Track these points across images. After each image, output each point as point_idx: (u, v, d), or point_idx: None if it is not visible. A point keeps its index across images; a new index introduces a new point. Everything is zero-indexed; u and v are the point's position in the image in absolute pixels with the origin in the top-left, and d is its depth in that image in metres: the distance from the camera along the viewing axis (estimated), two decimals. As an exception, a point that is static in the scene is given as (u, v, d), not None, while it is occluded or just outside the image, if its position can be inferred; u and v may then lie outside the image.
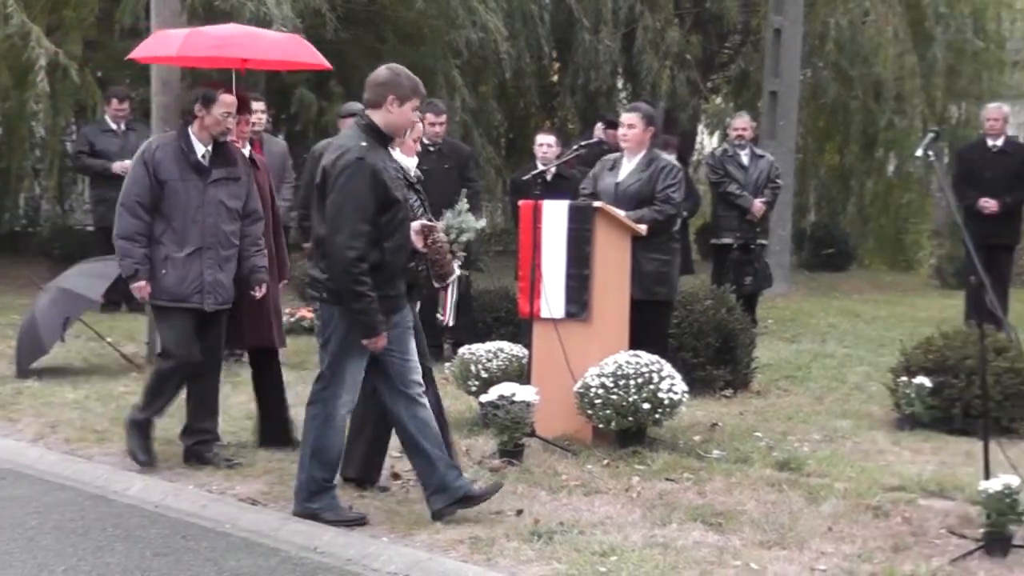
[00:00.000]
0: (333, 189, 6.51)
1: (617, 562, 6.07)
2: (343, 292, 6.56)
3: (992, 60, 21.67)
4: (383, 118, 6.70)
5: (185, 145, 7.77)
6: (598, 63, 19.10)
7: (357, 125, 6.79)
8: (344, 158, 6.52)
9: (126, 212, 7.73)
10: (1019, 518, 6.26)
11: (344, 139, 6.80)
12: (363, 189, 6.51)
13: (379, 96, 6.69)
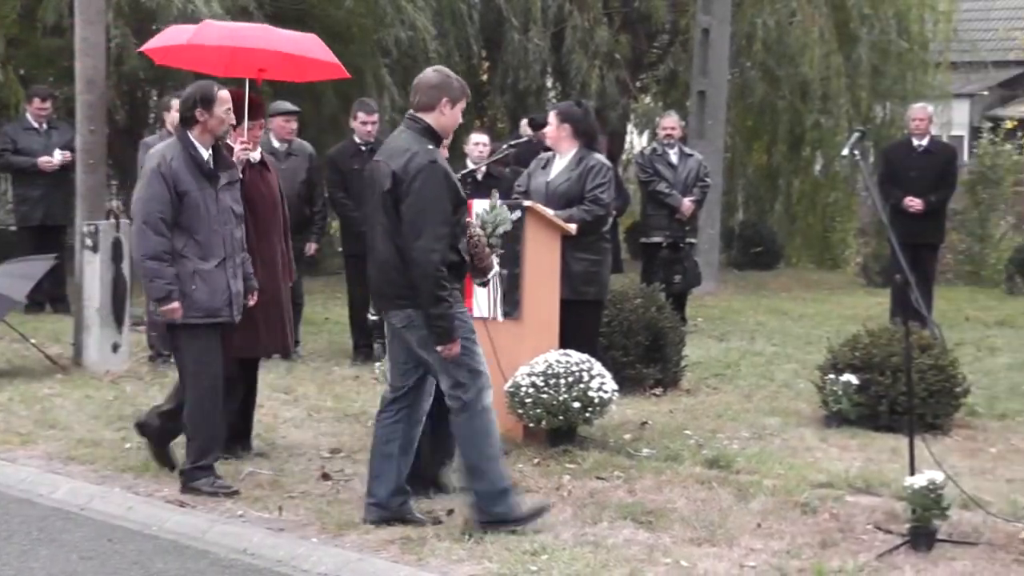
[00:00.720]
0: (408, 194, 6.45)
1: (548, 561, 6.08)
2: (423, 298, 6.45)
3: (916, 61, 21.91)
4: (436, 120, 6.69)
5: (194, 152, 7.33)
6: (527, 62, 19.12)
7: (411, 128, 6.70)
8: (415, 162, 6.47)
9: (150, 230, 7.18)
10: (943, 513, 6.34)
11: (404, 142, 6.65)
12: (440, 192, 6.50)
13: (432, 99, 6.68)
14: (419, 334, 6.56)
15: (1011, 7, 30.98)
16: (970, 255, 21.47)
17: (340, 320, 12.69)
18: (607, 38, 20.11)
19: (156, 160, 7.30)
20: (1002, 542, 6.42)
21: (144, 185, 7.30)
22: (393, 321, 6.68)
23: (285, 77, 10.35)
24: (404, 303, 6.56)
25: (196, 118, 7.34)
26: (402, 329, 6.64)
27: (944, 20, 22.99)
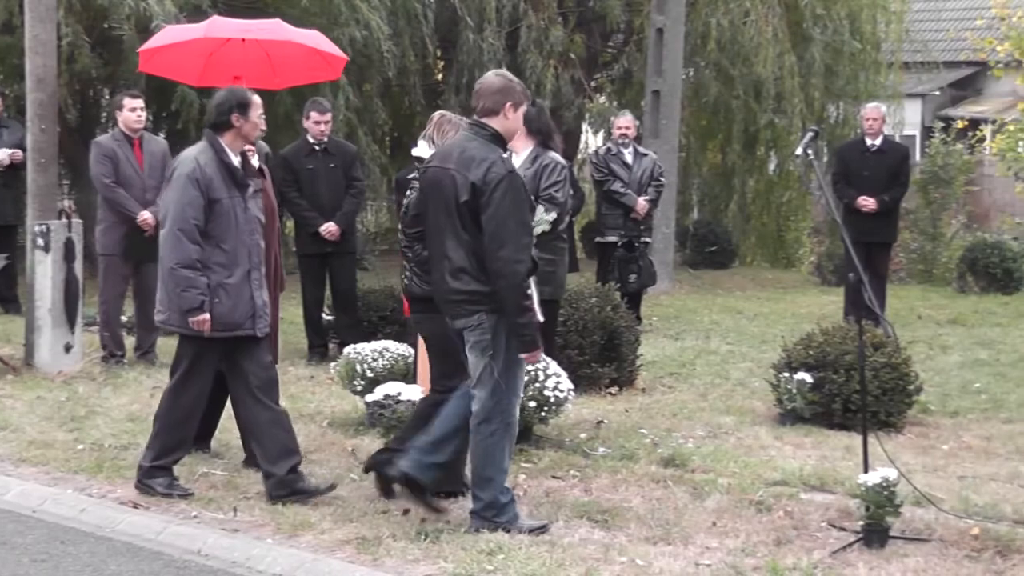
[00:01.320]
0: (490, 204, 6.40)
1: (504, 560, 6.07)
2: (509, 306, 6.45)
3: (868, 61, 22.04)
4: (502, 124, 6.66)
5: (226, 159, 7.13)
6: (482, 62, 19.06)
7: (478, 134, 6.65)
8: (494, 172, 6.43)
9: (185, 237, 6.94)
10: (896, 510, 6.39)
11: (476, 151, 6.56)
12: (520, 202, 6.51)
13: (497, 104, 6.65)
14: (480, 339, 6.55)
15: (961, 8, 31.21)
16: (922, 254, 21.62)
17: (294, 320, 12.64)
18: (562, 38, 20.11)
19: (190, 165, 7.04)
20: (954, 538, 6.47)
21: (178, 190, 7.02)
22: (458, 324, 6.64)
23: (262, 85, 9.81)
24: (475, 309, 6.53)
25: (231, 123, 7.14)
26: (465, 330, 6.60)
27: (896, 21, 23.13)
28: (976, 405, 10.08)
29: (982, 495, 7.21)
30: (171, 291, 7.03)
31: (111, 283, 11.09)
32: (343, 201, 11.64)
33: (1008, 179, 22.46)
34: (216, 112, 7.19)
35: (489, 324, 6.51)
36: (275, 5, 16.95)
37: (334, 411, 9.36)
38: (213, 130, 7.19)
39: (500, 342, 6.52)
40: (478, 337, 6.54)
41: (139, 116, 11.10)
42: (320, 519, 6.75)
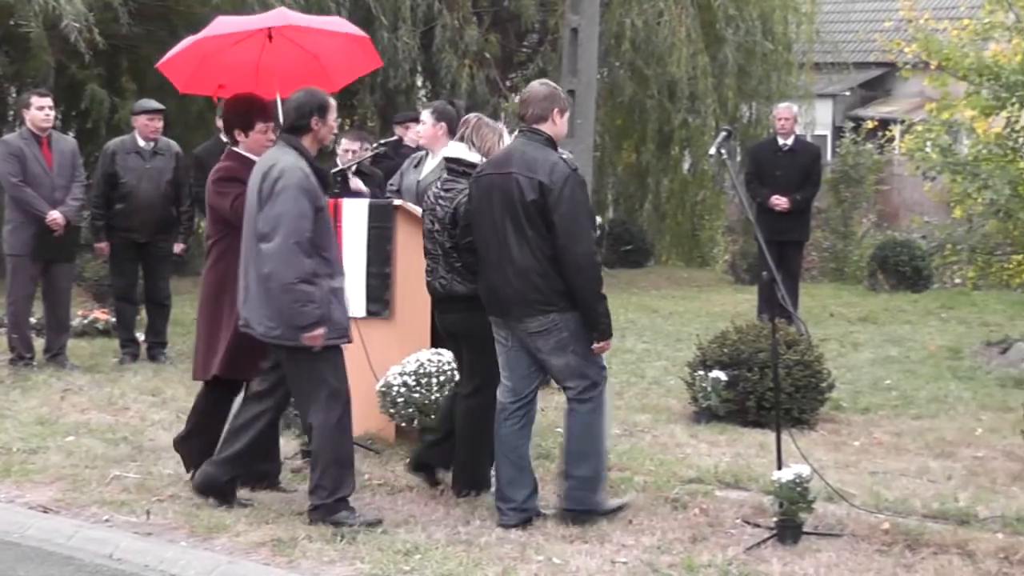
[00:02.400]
0: (561, 202, 6.63)
1: (421, 560, 6.07)
2: (590, 298, 6.68)
3: (780, 62, 22.25)
4: (551, 128, 6.92)
5: (316, 164, 6.88)
6: (397, 61, 19.02)
7: (534, 140, 6.87)
8: (559, 170, 6.69)
9: (300, 251, 6.59)
10: (809, 506, 6.46)
11: (537, 153, 6.79)
12: (585, 198, 6.84)
13: (545, 110, 6.91)
14: (556, 338, 6.73)
15: (870, 10, 31.59)
16: (834, 252, 21.87)
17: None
18: (477, 37, 20.11)
19: (297, 175, 6.66)
20: (865, 533, 6.56)
21: (289, 201, 6.61)
22: (530, 327, 6.76)
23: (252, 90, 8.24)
24: (549, 308, 6.70)
25: (311, 127, 6.87)
26: (536, 335, 6.76)
27: (807, 22, 23.37)
28: (887, 402, 10.22)
29: (892, 490, 7.31)
30: (287, 306, 6.60)
31: (19, 284, 10.93)
32: (258, 200, 11.53)
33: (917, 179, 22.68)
34: (296, 115, 6.88)
35: (564, 323, 6.72)
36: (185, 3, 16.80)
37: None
38: (293, 133, 6.90)
39: (577, 334, 6.75)
40: (557, 338, 6.74)
41: (47, 115, 10.94)
42: (235, 521, 6.69)
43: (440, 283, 7.38)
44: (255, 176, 6.80)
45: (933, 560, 6.21)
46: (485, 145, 7.44)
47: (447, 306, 7.42)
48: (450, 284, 7.32)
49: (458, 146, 7.53)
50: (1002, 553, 6.21)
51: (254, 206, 6.74)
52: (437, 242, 7.37)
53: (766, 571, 6.08)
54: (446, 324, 7.54)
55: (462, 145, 7.50)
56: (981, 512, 6.80)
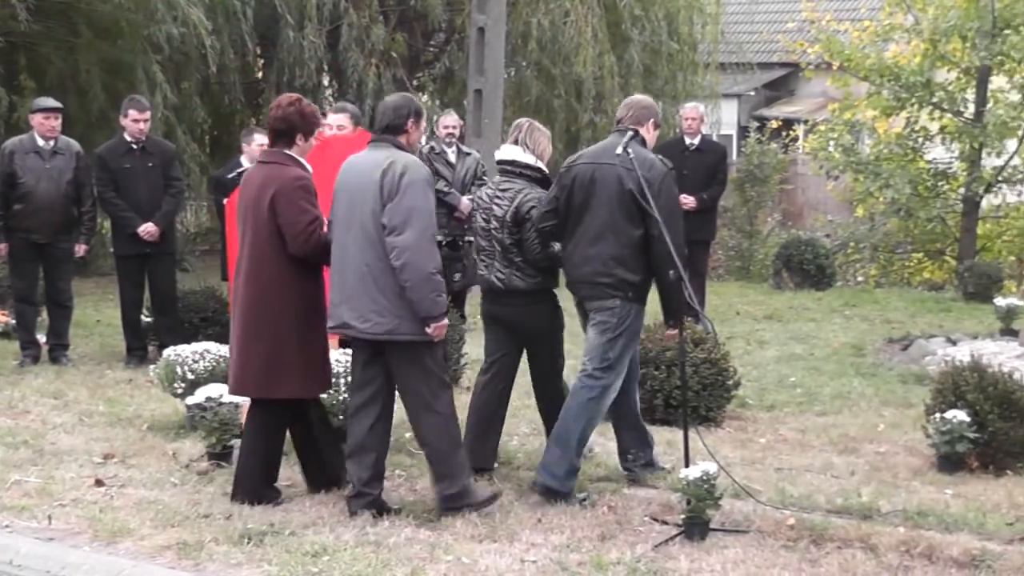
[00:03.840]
0: (659, 197, 7.13)
1: (329, 562, 6.03)
2: (674, 287, 7.21)
3: (685, 62, 22.44)
4: (645, 134, 7.58)
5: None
6: (303, 60, 18.93)
7: (632, 140, 7.37)
8: (658, 168, 7.30)
9: (433, 244, 6.78)
10: (716, 503, 6.52)
11: (634, 149, 7.30)
12: (677, 195, 7.49)
13: (643, 117, 7.63)
14: (607, 320, 7.28)
15: (773, 11, 31.97)
16: (739, 251, 22.11)
17: (112, 322, 12.37)
18: (383, 36, 20.06)
19: (423, 170, 6.88)
20: (771, 529, 6.62)
21: (419, 195, 6.76)
22: (592, 305, 7.38)
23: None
24: (615, 295, 7.26)
25: (406, 128, 7.00)
26: (594, 310, 7.34)
27: (712, 22, 23.61)
28: (792, 399, 10.33)
29: (798, 486, 7.39)
30: (425, 297, 6.69)
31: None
32: (162, 201, 11.41)
33: (820, 178, 23.08)
34: (394, 115, 7.00)
35: (621, 311, 7.26)
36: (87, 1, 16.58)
37: (154, 414, 9.17)
38: (392, 133, 7.00)
39: (624, 327, 7.27)
40: (606, 319, 7.27)
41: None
42: (140, 525, 6.61)
43: (498, 278, 7.66)
44: (360, 172, 6.87)
45: (837, 554, 6.29)
46: (539, 148, 7.84)
47: (505, 300, 7.70)
48: (509, 279, 7.63)
49: (512, 149, 7.84)
50: (903, 546, 6.31)
51: (371, 201, 6.76)
52: (495, 239, 7.67)
53: (674, 568, 6.12)
54: (503, 317, 7.78)
55: (516, 148, 7.82)
56: (883, 507, 6.89)
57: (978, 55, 18.80)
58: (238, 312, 7.07)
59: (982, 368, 8.23)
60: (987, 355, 10.02)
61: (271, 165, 7.09)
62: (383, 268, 6.75)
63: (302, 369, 7.03)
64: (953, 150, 20.07)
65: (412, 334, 6.78)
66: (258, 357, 6.97)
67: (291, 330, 6.97)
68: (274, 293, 6.96)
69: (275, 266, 6.97)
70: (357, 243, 6.82)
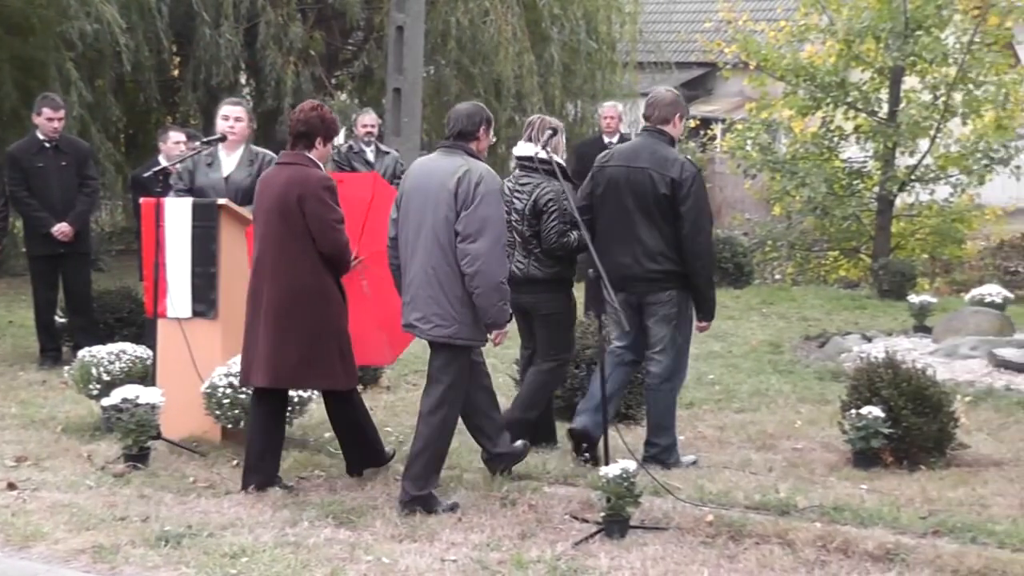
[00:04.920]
0: (688, 196, 7.75)
1: (248, 563, 6.00)
2: (703, 282, 7.91)
3: (604, 61, 22.51)
4: (672, 130, 8.01)
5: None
6: (220, 58, 18.75)
7: (660, 139, 7.95)
8: (688, 170, 7.81)
9: (504, 255, 7.16)
10: (636, 501, 6.55)
11: (665, 152, 7.89)
12: (706, 195, 7.94)
13: (669, 114, 7.99)
14: (666, 312, 7.91)
15: (691, 11, 32.19)
16: (658, 249, 22.15)
17: (25, 323, 12.20)
18: (301, 34, 19.93)
19: (496, 181, 7.12)
20: (690, 526, 6.67)
21: (493, 205, 6.99)
22: (649, 299, 7.93)
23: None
24: (669, 286, 7.87)
25: (478, 135, 7.20)
26: (653, 305, 7.93)
27: (630, 22, 23.70)
28: (710, 396, 10.39)
29: (716, 483, 7.44)
30: (493, 304, 6.94)
31: None
32: (76, 200, 11.27)
33: (738, 177, 23.28)
34: (467, 122, 7.19)
35: (677, 300, 7.89)
36: (-2, -1, 16.33)
37: (68, 416, 9.06)
38: (463, 139, 7.18)
39: (683, 314, 7.94)
40: (667, 311, 7.90)
41: None
42: (54, 528, 6.53)
43: (517, 267, 8.01)
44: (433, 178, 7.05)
45: (755, 550, 6.35)
46: (554, 143, 8.08)
47: (524, 288, 7.96)
48: (527, 268, 8.03)
49: (527, 146, 8.14)
50: (820, 541, 6.38)
51: (445, 207, 6.94)
52: (515, 231, 8.01)
53: (594, 565, 6.14)
54: (522, 304, 8.03)
55: (531, 144, 8.10)
56: (800, 502, 6.96)
57: (891, 56, 19.06)
58: (267, 308, 7.23)
59: (896, 364, 8.33)
60: (901, 352, 10.14)
61: (293, 167, 7.29)
62: (449, 273, 6.96)
63: (336, 360, 7.30)
64: (868, 149, 20.32)
65: (470, 339, 7.08)
66: (293, 350, 7.19)
67: (323, 324, 7.23)
68: (305, 289, 7.19)
69: (306, 263, 7.19)
70: (426, 246, 7.00)
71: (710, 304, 8.02)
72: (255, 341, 7.30)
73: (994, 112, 19.24)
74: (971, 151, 19.42)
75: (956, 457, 8.26)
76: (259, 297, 7.28)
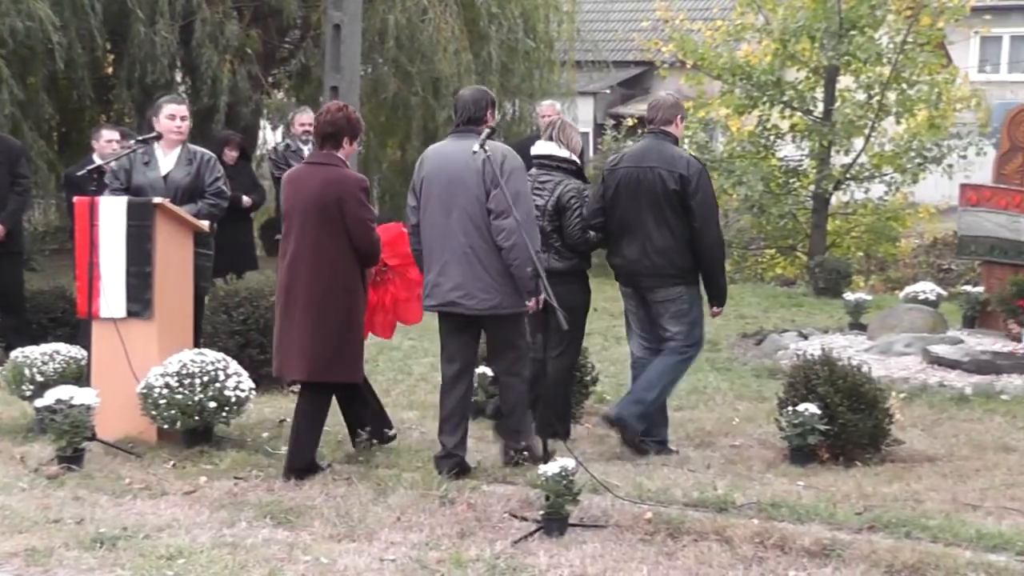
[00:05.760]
0: (697, 192, 8.22)
1: (185, 565, 5.95)
2: (715, 272, 8.43)
3: (542, 60, 22.53)
4: (675, 131, 8.54)
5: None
6: (155, 56, 18.58)
7: (665, 139, 8.45)
8: (694, 166, 8.33)
9: (536, 227, 7.72)
10: (575, 499, 6.55)
11: (673, 151, 8.39)
12: (712, 189, 8.44)
13: (672, 116, 8.51)
14: (678, 307, 8.36)
15: (628, 9, 32.31)
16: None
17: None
18: (237, 32, 19.78)
19: (518, 158, 7.57)
20: (629, 523, 6.68)
21: (521, 180, 7.56)
22: (658, 296, 8.38)
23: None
24: (678, 282, 8.33)
25: (486, 119, 7.67)
26: (664, 302, 8.38)
27: (568, 21, 23.74)
28: (648, 393, 10.41)
29: (654, 480, 7.46)
30: (527, 274, 7.41)
31: None
32: (8, 199, 11.13)
33: (675, 175, 23.33)
34: (475, 107, 7.66)
35: (687, 296, 8.36)
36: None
37: (1, 418, 8.95)
38: (473, 124, 7.63)
39: (695, 308, 8.42)
40: (679, 307, 8.36)
41: None
42: (-14, 532, 6.45)
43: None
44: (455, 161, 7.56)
45: (693, 547, 6.37)
46: (572, 142, 8.59)
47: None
48: (548, 261, 8.23)
49: (548, 144, 8.60)
50: (757, 538, 6.41)
51: (474, 187, 7.44)
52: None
53: (533, 563, 6.14)
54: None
55: (552, 143, 8.59)
56: (738, 499, 6.99)
57: (826, 55, 19.20)
58: (305, 304, 7.51)
59: (832, 362, 8.41)
60: (837, 349, 10.27)
61: (327, 167, 7.60)
62: (487, 249, 7.44)
63: (357, 356, 7.76)
64: (803, 148, 20.46)
65: (512, 307, 7.57)
66: (326, 345, 7.52)
67: (350, 318, 7.60)
68: (340, 285, 7.52)
69: (341, 261, 7.51)
70: (461, 226, 7.47)
71: (722, 291, 8.51)
72: (289, 336, 7.58)
73: (927, 111, 19.43)
74: (905, 150, 19.61)
75: (891, 453, 8.35)
76: (293, 293, 7.56)
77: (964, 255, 14.47)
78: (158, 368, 8.02)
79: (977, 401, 10.31)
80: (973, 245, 13.42)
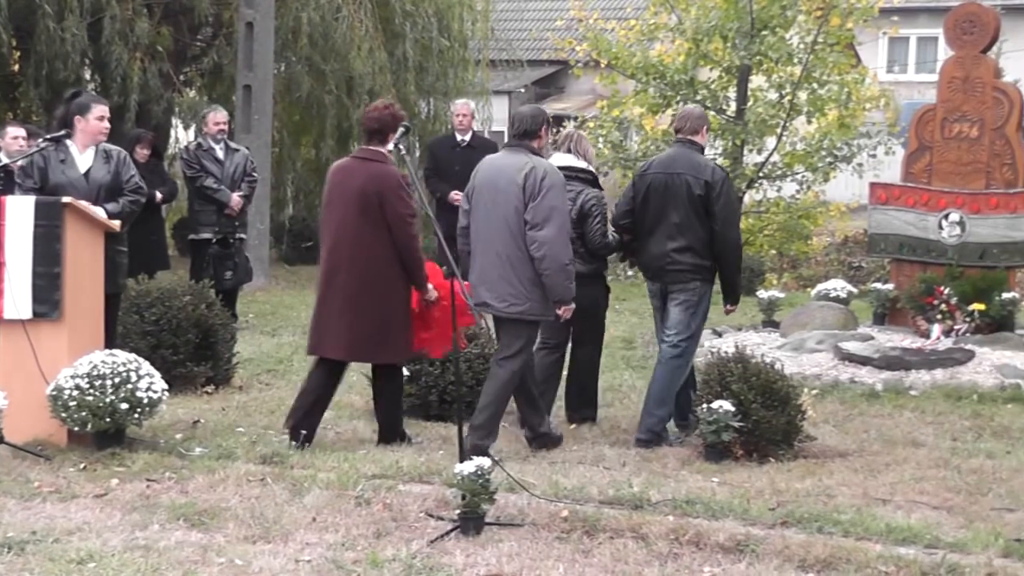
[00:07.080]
0: (721, 196, 8.71)
1: (96, 568, 5.88)
2: (733, 272, 8.94)
3: (456, 58, 22.51)
4: (701, 140, 9.04)
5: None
6: (64, 52, 18.31)
7: (692, 148, 8.91)
8: (718, 173, 8.83)
9: (568, 241, 8.16)
10: (491, 497, 6.56)
11: (698, 159, 8.88)
12: (735, 195, 8.58)
13: (699, 126, 9.04)
14: (689, 299, 8.84)
15: (543, 9, 32.37)
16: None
17: None
18: (148, 30, 19.54)
19: (559, 175, 8.16)
20: (545, 522, 6.70)
21: (559, 197, 8.09)
22: (674, 288, 8.87)
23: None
24: (695, 278, 8.82)
25: (540, 134, 8.28)
26: (677, 292, 8.85)
27: (482, 20, 23.72)
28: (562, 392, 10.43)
29: (571, 478, 7.49)
30: (560, 284, 8.05)
31: None
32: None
33: (590, 174, 23.40)
34: (532, 122, 8.25)
35: (701, 291, 8.87)
36: None
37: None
38: (527, 138, 8.22)
39: (702, 303, 8.91)
40: (689, 298, 8.84)
41: None
42: None
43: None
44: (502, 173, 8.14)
45: (609, 544, 6.40)
46: (588, 154, 9.19)
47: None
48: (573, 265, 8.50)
49: (566, 156, 9.10)
50: (673, 534, 6.46)
51: (515, 200, 8.02)
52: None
53: (449, 563, 6.14)
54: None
55: (570, 155, 9.11)
56: (653, 496, 7.04)
57: (738, 55, 19.37)
58: (344, 291, 8.13)
59: (746, 359, 8.48)
60: (750, 346, 10.34)
61: (372, 163, 8.17)
62: (521, 258, 8.04)
63: (400, 336, 8.24)
64: (717, 147, 20.61)
65: (539, 315, 8.20)
66: (365, 330, 8.13)
67: (391, 309, 8.15)
68: (380, 273, 8.10)
69: (379, 253, 8.08)
70: (500, 235, 8.08)
71: (737, 290, 9.03)
72: (328, 317, 8.22)
73: (837, 111, 19.67)
74: (816, 149, 19.84)
75: (803, 449, 8.44)
76: (334, 279, 8.18)
77: (874, 253, 14.65)
78: (68, 370, 7.91)
79: (887, 397, 10.45)
80: (883, 243, 13.59)
